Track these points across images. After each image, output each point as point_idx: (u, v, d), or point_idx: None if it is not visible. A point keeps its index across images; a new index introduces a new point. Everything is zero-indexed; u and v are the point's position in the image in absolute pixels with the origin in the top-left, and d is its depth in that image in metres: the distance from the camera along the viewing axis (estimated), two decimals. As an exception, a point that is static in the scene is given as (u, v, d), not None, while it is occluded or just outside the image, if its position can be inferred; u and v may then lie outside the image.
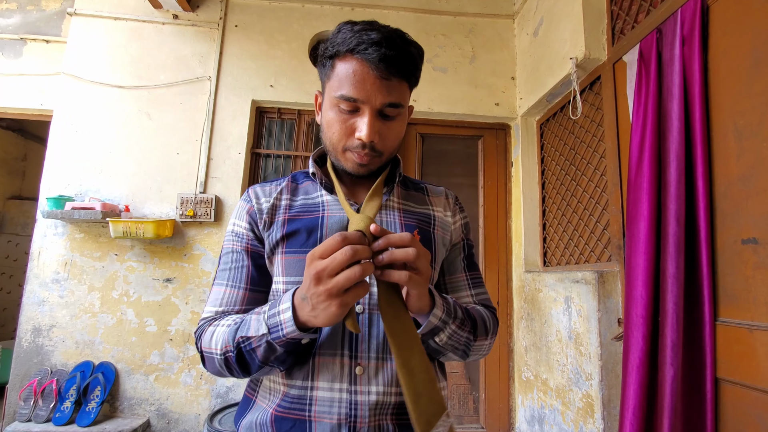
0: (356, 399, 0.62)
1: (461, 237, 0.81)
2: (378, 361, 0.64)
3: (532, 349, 2.15)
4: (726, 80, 1.20)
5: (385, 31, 0.63)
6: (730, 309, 1.14)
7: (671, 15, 1.36)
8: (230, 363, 0.61)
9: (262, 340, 0.56)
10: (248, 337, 0.58)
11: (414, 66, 0.67)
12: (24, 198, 3.88)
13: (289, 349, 0.57)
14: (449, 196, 0.85)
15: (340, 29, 0.66)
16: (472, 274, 0.81)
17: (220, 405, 2.13)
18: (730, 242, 1.15)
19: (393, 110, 0.66)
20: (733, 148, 1.16)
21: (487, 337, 0.71)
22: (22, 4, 2.61)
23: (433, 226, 0.76)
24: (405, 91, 0.67)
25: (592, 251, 1.85)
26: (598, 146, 1.84)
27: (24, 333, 2.16)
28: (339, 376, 0.63)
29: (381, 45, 0.62)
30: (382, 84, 0.63)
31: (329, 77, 0.67)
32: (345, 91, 0.63)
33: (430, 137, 2.64)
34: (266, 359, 0.58)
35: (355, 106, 0.64)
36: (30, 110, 2.51)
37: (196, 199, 2.27)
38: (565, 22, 1.93)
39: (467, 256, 0.82)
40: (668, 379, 1.15)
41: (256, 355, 0.58)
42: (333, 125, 0.67)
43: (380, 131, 0.66)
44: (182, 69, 2.42)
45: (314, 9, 2.54)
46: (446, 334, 0.63)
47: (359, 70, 0.63)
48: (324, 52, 0.68)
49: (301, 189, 0.77)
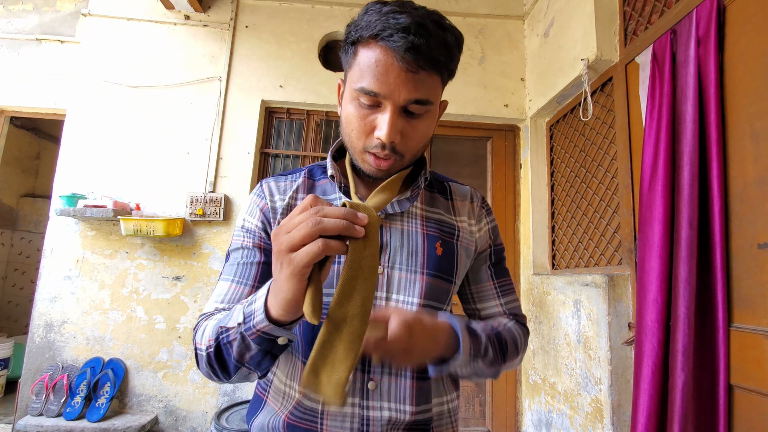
0: (368, 414, 0.61)
1: (488, 244, 0.76)
2: (391, 376, 0.62)
3: (540, 352, 2.13)
4: (742, 82, 1.18)
5: (417, 15, 0.54)
6: (745, 314, 1.12)
7: (686, 15, 1.34)
8: (211, 361, 0.55)
9: (237, 332, 0.50)
10: (227, 327, 0.52)
11: (449, 56, 0.57)
12: (37, 196, 3.95)
13: (264, 347, 0.50)
14: (475, 199, 0.78)
15: (368, 10, 0.58)
16: (500, 281, 0.76)
17: (227, 403, 2.14)
18: (746, 246, 1.13)
19: (420, 107, 0.57)
20: (750, 150, 1.14)
21: (517, 356, 0.68)
22: (37, 5, 2.65)
23: (456, 238, 0.71)
24: (436, 85, 0.59)
25: (601, 254, 1.83)
26: (609, 148, 1.82)
27: (36, 329, 2.19)
28: (351, 390, 0.61)
29: (409, 31, 0.52)
30: (408, 77, 0.54)
31: (351, 65, 0.60)
32: (365, 84, 0.56)
33: (439, 138, 2.63)
34: (241, 357, 0.52)
35: (376, 101, 0.56)
36: (44, 109, 2.55)
37: (205, 198, 2.29)
38: (576, 23, 1.91)
39: (494, 263, 0.77)
40: (679, 385, 1.14)
41: (231, 349, 0.52)
42: (352, 121, 0.60)
43: (403, 130, 0.58)
44: (193, 69, 2.44)
45: (324, 10, 2.55)
46: (470, 369, 0.60)
47: (383, 60, 0.54)
48: (347, 37, 0.60)
49: (318, 188, 0.71)
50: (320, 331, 0.47)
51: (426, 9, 0.57)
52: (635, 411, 1.27)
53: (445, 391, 0.69)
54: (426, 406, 0.65)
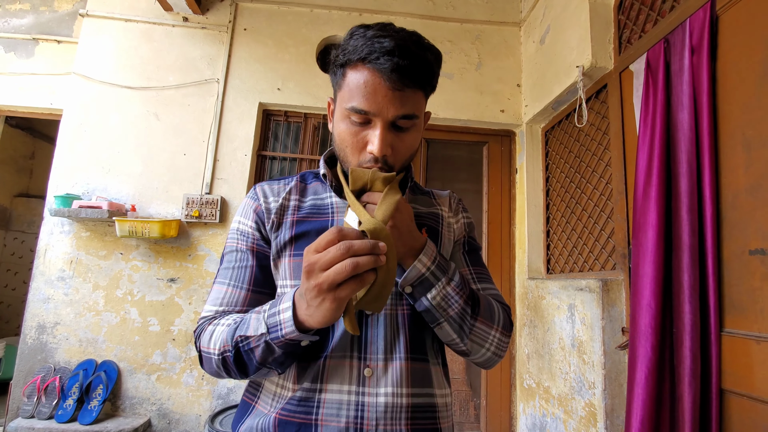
0: (363, 401, 0.61)
1: (463, 234, 0.81)
2: (387, 361, 0.63)
3: (534, 356, 2.14)
4: (735, 90, 1.20)
5: (399, 38, 0.60)
6: (737, 320, 1.14)
7: (679, 25, 1.36)
8: (228, 363, 0.59)
9: (261, 340, 0.55)
10: (247, 336, 0.57)
11: (430, 74, 0.64)
12: (31, 196, 3.92)
13: (288, 350, 0.56)
14: (452, 198, 0.84)
15: (353, 34, 0.64)
16: (476, 269, 0.78)
17: (221, 406, 2.13)
18: (738, 253, 1.15)
19: (407, 122, 0.63)
20: (742, 158, 1.16)
21: (492, 325, 0.67)
22: (35, 4, 2.65)
23: (440, 225, 0.76)
24: (420, 100, 0.65)
25: (596, 259, 1.84)
26: (603, 154, 1.84)
27: (29, 330, 2.17)
28: (348, 378, 0.62)
29: (394, 54, 0.58)
30: (395, 95, 0.60)
31: (340, 86, 0.65)
32: (356, 103, 0.61)
33: (435, 143, 2.65)
34: (264, 360, 0.57)
35: (367, 119, 0.62)
36: (40, 109, 2.54)
37: (201, 200, 2.28)
38: (571, 31, 1.94)
39: (469, 251, 0.80)
40: (688, 393, 1.14)
41: (254, 355, 0.57)
42: (345, 139, 0.65)
43: (393, 144, 0.63)
44: (191, 71, 2.44)
45: (322, 14, 2.56)
46: (439, 293, 0.61)
47: (371, 81, 0.60)
48: (335, 59, 0.65)
49: (309, 189, 0.75)
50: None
51: (406, 31, 0.64)
52: (629, 415, 1.28)
53: (445, 383, 0.71)
54: (428, 390, 0.65)
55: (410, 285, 0.61)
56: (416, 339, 0.67)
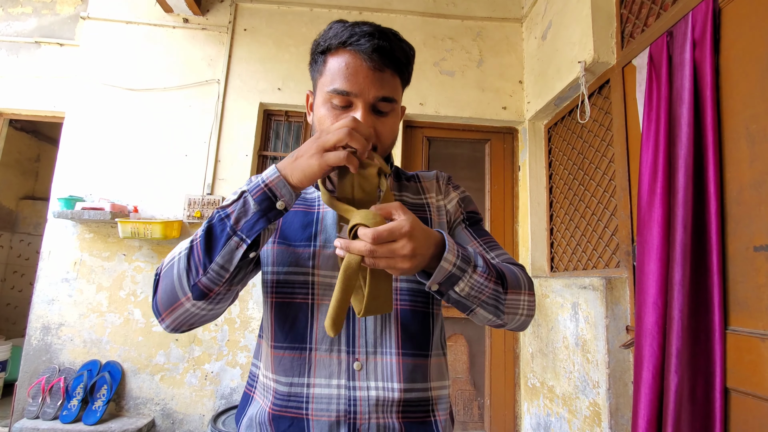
0: (354, 395, 0.61)
1: (460, 212, 0.78)
2: (376, 355, 0.63)
3: (538, 355, 2.12)
4: (738, 84, 1.18)
5: (377, 26, 0.63)
6: (741, 317, 1.12)
7: (682, 18, 1.34)
8: (193, 250, 0.55)
9: (239, 200, 0.54)
10: (225, 206, 0.56)
11: (407, 61, 0.66)
12: (36, 198, 3.95)
13: (264, 207, 0.53)
14: (440, 178, 0.81)
15: (332, 26, 0.65)
16: (483, 239, 0.75)
17: (224, 406, 2.14)
18: (742, 249, 1.13)
19: (386, 105, 0.64)
20: (746, 153, 1.14)
21: (521, 291, 0.64)
22: (37, 8, 2.66)
23: (429, 213, 0.75)
24: (398, 86, 0.66)
25: (600, 257, 1.83)
26: (606, 150, 1.82)
27: (33, 331, 2.19)
28: (337, 372, 0.62)
29: (374, 36, 0.61)
30: (375, 76, 0.62)
31: (321, 73, 0.65)
32: (338, 85, 0.62)
33: (437, 141, 2.63)
34: (237, 222, 0.54)
35: (348, 101, 0.62)
36: (43, 112, 2.56)
37: (203, 201, 2.29)
38: (573, 26, 1.92)
39: (471, 224, 0.77)
40: (672, 389, 1.13)
41: (228, 221, 0.54)
42: (324, 122, 0.64)
43: (375, 127, 0.63)
44: (192, 72, 2.45)
45: (322, 13, 2.55)
46: (467, 284, 0.57)
47: (352, 63, 0.61)
48: (316, 48, 0.66)
49: None
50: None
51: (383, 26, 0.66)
52: (635, 415, 1.26)
53: (444, 374, 0.70)
54: (422, 385, 0.64)
55: (437, 283, 0.57)
56: (409, 333, 0.66)
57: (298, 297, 0.66)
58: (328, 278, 0.66)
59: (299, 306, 0.65)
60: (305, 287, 0.65)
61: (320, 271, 0.66)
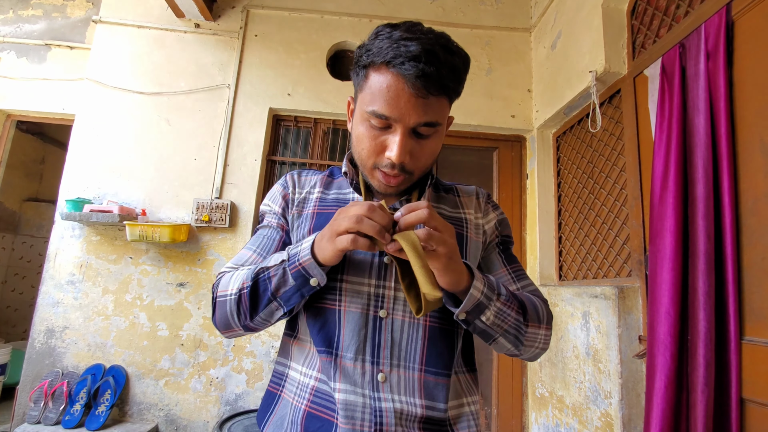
0: (380, 406, 0.60)
1: (496, 234, 0.78)
2: (400, 369, 0.63)
3: (547, 364, 2.11)
4: (752, 95, 1.19)
5: (426, 42, 0.57)
6: (758, 327, 1.11)
7: (695, 30, 1.36)
8: (242, 299, 0.61)
9: (280, 268, 0.60)
10: (268, 267, 0.61)
11: (457, 80, 0.62)
12: (40, 200, 3.94)
13: (299, 283, 0.59)
14: (480, 195, 0.80)
15: (378, 34, 0.61)
16: (512, 267, 0.77)
17: (229, 413, 2.11)
18: (758, 259, 1.13)
19: (428, 129, 0.61)
20: (760, 163, 1.15)
21: (540, 325, 0.66)
22: (47, 10, 2.68)
23: (465, 229, 0.74)
24: (444, 107, 0.63)
25: (610, 266, 1.82)
26: (617, 160, 1.83)
27: (37, 334, 2.17)
28: (361, 381, 0.62)
29: (420, 60, 0.55)
30: (418, 102, 0.58)
31: (362, 88, 0.63)
32: (377, 107, 0.59)
33: (446, 148, 2.64)
34: (277, 289, 0.60)
35: (387, 124, 0.60)
36: (52, 114, 2.56)
37: (211, 205, 2.28)
38: (584, 36, 1.94)
39: (504, 250, 0.78)
40: (701, 401, 1.12)
41: (270, 284, 0.60)
42: (363, 141, 0.64)
43: (412, 150, 0.62)
44: (202, 77, 2.46)
45: (333, 20, 2.57)
46: (492, 312, 0.59)
47: (394, 86, 0.58)
48: (358, 60, 0.63)
49: (335, 183, 0.77)
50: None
51: (434, 32, 0.60)
52: (647, 425, 1.25)
53: (464, 391, 0.69)
54: (440, 404, 0.64)
55: (464, 312, 0.59)
56: (435, 352, 0.65)
57: (327, 302, 0.66)
58: (356, 285, 0.66)
59: (329, 311, 0.66)
60: (333, 293, 0.66)
61: (348, 277, 0.66)
